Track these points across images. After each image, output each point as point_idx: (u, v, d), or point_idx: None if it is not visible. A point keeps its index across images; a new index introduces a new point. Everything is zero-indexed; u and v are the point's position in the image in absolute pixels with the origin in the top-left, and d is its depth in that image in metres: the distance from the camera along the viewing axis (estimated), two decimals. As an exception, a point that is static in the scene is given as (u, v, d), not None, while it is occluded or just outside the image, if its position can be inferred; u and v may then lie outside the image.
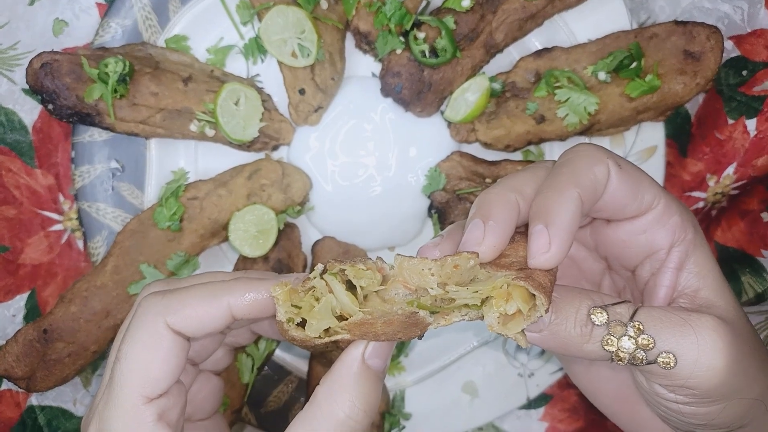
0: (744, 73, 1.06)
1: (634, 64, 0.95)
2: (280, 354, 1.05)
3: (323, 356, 0.86)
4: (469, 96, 0.99)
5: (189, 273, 0.97)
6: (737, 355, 0.60)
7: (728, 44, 1.04)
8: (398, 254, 0.58)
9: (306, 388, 1.03)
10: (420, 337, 0.58)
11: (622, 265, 0.71)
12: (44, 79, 0.94)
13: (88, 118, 0.96)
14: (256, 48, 1.02)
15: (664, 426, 0.69)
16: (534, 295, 0.54)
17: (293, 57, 0.96)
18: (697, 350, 0.59)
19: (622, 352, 0.60)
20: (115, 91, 0.93)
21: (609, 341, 0.60)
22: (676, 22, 0.97)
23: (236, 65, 1.04)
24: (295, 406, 1.04)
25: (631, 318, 0.60)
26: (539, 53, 1.00)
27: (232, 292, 0.62)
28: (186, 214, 0.96)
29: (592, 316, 0.60)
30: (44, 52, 0.95)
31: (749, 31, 1.05)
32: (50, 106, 0.95)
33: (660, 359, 0.60)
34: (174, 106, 0.96)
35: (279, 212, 0.99)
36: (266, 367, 1.03)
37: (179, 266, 0.96)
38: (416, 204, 1.04)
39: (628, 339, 0.60)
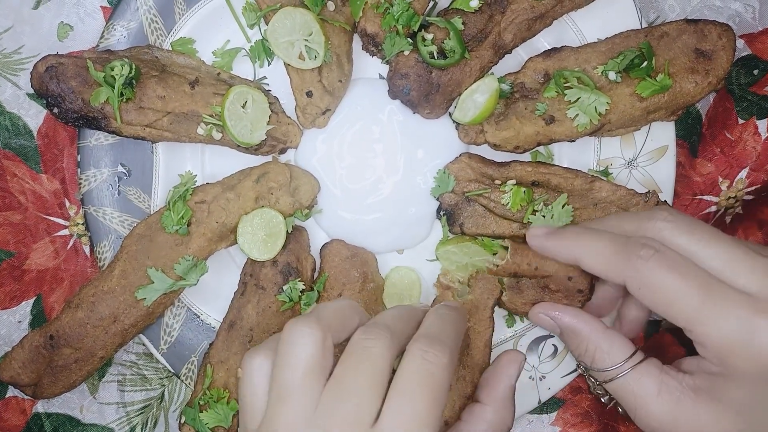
0: (755, 72, 1.06)
1: (644, 64, 0.94)
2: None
3: None
4: (477, 97, 0.98)
5: (197, 277, 0.96)
6: None
7: (739, 43, 1.03)
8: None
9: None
10: None
11: None
12: (49, 82, 0.92)
13: (94, 122, 0.95)
14: (262, 51, 1.02)
15: None
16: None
17: (300, 59, 0.95)
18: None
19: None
20: (122, 94, 0.92)
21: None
22: (687, 21, 0.96)
23: (243, 68, 1.03)
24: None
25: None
26: (548, 53, 0.99)
27: None
28: (194, 217, 0.95)
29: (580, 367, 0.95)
30: (49, 55, 0.94)
31: (761, 29, 1.05)
32: (55, 110, 0.94)
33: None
34: (181, 109, 0.95)
35: (287, 215, 0.98)
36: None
37: (187, 270, 0.95)
38: (425, 206, 1.03)
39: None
